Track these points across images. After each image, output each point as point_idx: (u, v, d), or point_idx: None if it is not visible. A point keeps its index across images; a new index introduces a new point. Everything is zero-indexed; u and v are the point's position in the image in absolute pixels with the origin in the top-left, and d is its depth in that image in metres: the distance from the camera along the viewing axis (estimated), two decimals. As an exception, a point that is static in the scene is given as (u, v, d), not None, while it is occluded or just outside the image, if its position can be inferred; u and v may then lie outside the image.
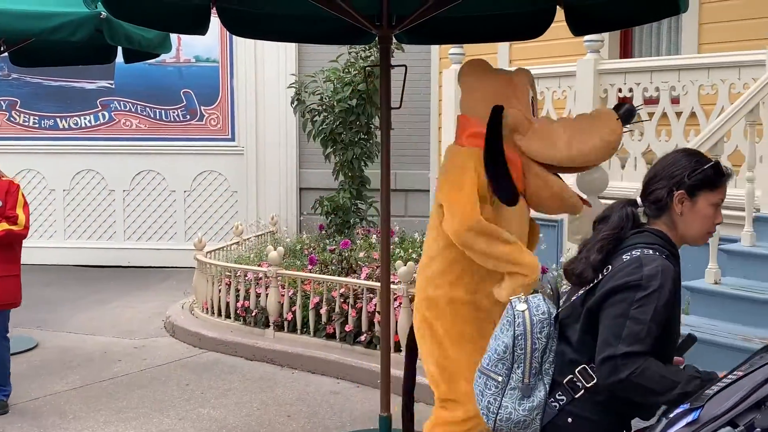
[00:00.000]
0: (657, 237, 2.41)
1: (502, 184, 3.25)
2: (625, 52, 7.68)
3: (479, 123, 3.25)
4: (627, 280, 2.28)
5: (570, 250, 6.33)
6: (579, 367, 2.37)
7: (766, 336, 4.41)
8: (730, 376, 2.00)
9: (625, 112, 3.41)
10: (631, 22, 4.98)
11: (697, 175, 2.41)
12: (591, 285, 2.39)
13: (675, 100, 6.05)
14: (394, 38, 4.81)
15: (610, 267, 2.38)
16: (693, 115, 5.83)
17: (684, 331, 4.64)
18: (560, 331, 2.46)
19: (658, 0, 4.05)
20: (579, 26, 4.73)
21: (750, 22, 6.37)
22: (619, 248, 2.41)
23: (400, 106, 4.24)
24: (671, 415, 2.08)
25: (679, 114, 5.94)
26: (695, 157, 2.47)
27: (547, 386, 2.40)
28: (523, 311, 2.44)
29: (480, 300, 3.33)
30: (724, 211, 5.03)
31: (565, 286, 2.62)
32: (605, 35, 6.91)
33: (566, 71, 6.70)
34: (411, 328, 3.67)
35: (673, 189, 2.42)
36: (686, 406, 2.03)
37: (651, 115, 6.08)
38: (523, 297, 2.52)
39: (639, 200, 2.52)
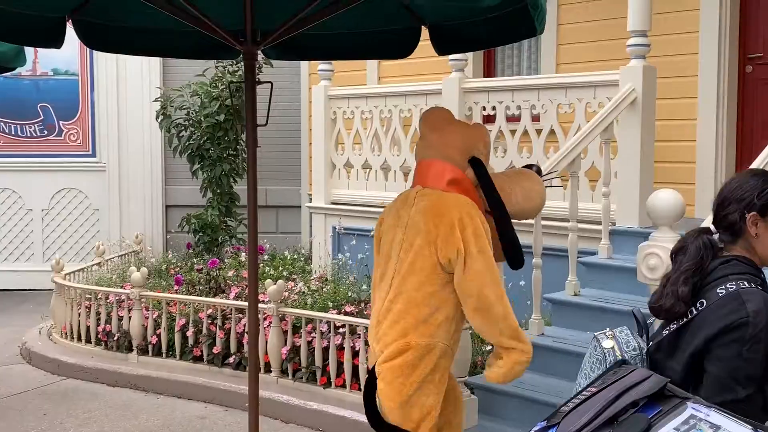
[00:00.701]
0: (745, 265, 2.37)
1: (515, 252, 3.36)
2: (489, 71, 7.90)
3: (455, 169, 3.35)
4: (734, 318, 2.22)
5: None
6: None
7: (622, 345, 4.60)
8: (584, 392, 2.05)
9: (537, 170, 3.71)
10: (492, 43, 5.09)
11: (766, 195, 2.39)
12: (685, 320, 2.33)
13: (535, 118, 6.25)
14: (261, 54, 4.75)
15: (704, 302, 2.31)
16: (552, 132, 6.04)
17: (545, 342, 4.80)
18: (652, 368, 2.37)
19: (516, 22, 4.16)
20: (443, 46, 4.81)
21: (604, 43, 6.68)
22: (708, 280, 2.36)
23: (266, 124, 4.16)
24: (530, 433, 2.11)
25: (539, 131, 6.14)
26: (762, 177, 2.44)
27: None
28: (611, 348, 2.37)
29: (453, 349, 3.32)
30: (581, 226, 5.24)
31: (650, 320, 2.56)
32: (469, 55, 7.07)
33: (433, 89, 6.81)
34: (370, 380, 3.40)
35: (745, 212, 2.38)
36: (543, 423, 2.06)
37: (513, 132, 6.26)
38: (610, 333, 2.44)
39: (712, 227, 2.48)
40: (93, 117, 10.10)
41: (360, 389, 5.36)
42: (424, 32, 4.63)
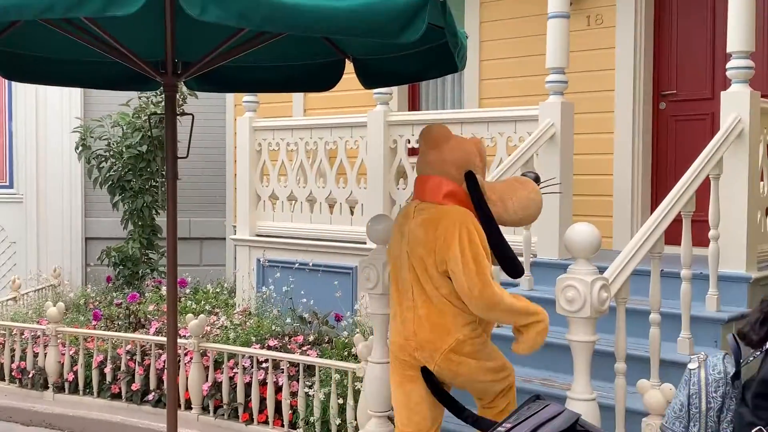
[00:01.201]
0: None
1: (509, 263, 3.60)
2: (413, 104, 7.99)
3: (451, 183, 3.60)
4: None
5: (364, 296, 6.42)
6: (755, 429, 2.38)
7: (544, 377, 4.66)
8: (499, 429, 2.07)
9: (535, 178, 3.90)
10: (415, 77, 5.17)
11: None
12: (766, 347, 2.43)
13: (459, 151, 6.32)
14: (185, 85, 4.73)
15: None
16: (476, 165, 6.12)
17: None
18: (743, 391, 2.46)
19: (437, 58, 4.24)
20: (368, 79, 4.86)
21: (525, 79, 6.84)
22: None
23: (186, 156, 4.13)
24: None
25: (462, 164, 6.21)
26: None
27: None
28: (695, 369, 2.51)
29: (482, 332, 3.66)
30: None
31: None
32: (394, 88, 7.15)
33: (358, 122, 6.84)
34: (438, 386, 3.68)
35: None
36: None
37: (437, 165, 6.31)
38: (703, 356, 2.55)
39: None
40: (11, 147, 9.81)
41: (282, 425, 5.30)
42: (350, 65, 4.68)
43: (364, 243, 6.30)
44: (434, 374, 3.61)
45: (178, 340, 5.50)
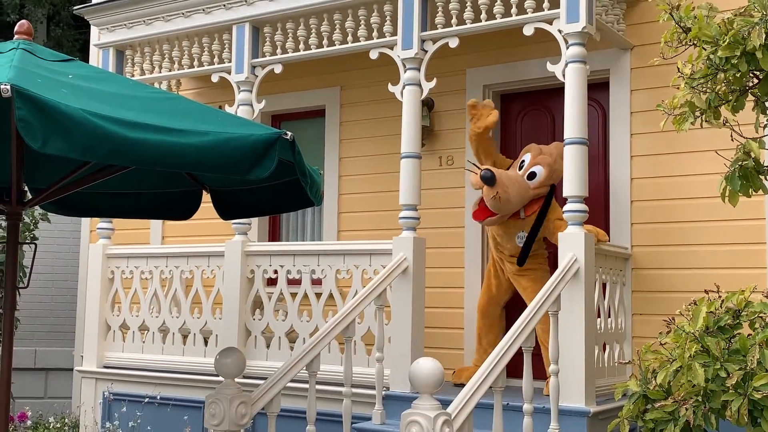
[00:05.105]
0: None
1: None
2: (274, 234, 8.05)
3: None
4: None
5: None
6: None
7: None
8: None
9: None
10: (272, 210, 5.26)
11: None
12: None
13: (316, 282, 6.38)
14: (38, 207, 4.63)
15: None
16: (331, 296, 6.18)
17: None
18: None
19: (295, 192, 4.36)
20: (226, 211, 4.92)
21: (381, 213, 7.06)
22: None
23: (27, 285, 4.00)
24: None
25: (319, 295, 6.26)
26: None
27: None
28: None
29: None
30: (356, 390, 5.29)
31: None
32: (254, 218, 7.19)
33: (215, 251, 6.80)
34: None
35: None
36: None
37: (294, 296, 6.33)
38: None
39: None
40: None
41: None
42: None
43: (218, 375, 6.15)
44: None
45: (9, 482, 5.12)
